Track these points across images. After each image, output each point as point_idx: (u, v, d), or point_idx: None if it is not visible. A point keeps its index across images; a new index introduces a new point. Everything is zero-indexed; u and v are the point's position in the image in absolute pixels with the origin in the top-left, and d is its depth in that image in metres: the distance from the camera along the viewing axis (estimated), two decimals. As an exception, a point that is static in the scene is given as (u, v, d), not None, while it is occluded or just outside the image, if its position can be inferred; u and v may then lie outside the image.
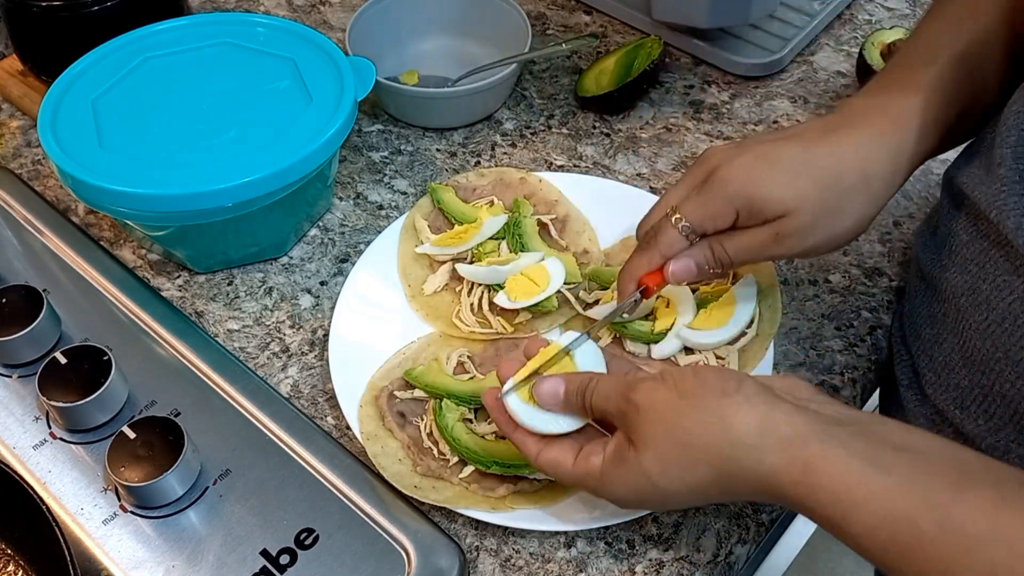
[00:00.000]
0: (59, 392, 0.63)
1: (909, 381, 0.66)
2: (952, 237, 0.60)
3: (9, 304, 0.68)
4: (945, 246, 0.61)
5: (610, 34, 0.97)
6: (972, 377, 0.59)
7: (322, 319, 0.73)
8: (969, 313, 0.58)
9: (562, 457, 0.54)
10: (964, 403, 0.60)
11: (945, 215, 0.63)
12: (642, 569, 0.60)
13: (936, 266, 0.62)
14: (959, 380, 0.60)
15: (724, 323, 0.67)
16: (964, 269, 0.59)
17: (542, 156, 0.85)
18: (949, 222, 0.62)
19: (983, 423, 0.59)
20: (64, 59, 0.75)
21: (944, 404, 0.62)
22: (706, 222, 0.60)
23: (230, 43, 0.77)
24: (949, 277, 0.60)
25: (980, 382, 0.58)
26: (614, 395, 0.52)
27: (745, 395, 0.49)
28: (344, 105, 0.71)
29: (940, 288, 0.61)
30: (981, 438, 0.59)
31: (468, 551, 0.61)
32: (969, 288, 0.58)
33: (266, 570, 0.58)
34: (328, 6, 1.01)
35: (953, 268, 0.60)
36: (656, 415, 0.50)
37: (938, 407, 0.62)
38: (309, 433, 0.65)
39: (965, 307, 0.58)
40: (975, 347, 0.58)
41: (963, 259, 0.59)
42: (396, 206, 0.81)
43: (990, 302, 0.56)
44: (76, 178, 0.67)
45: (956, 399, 0.60)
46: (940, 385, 0.62)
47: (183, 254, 0.74)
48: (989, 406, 0.58)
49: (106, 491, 0.62)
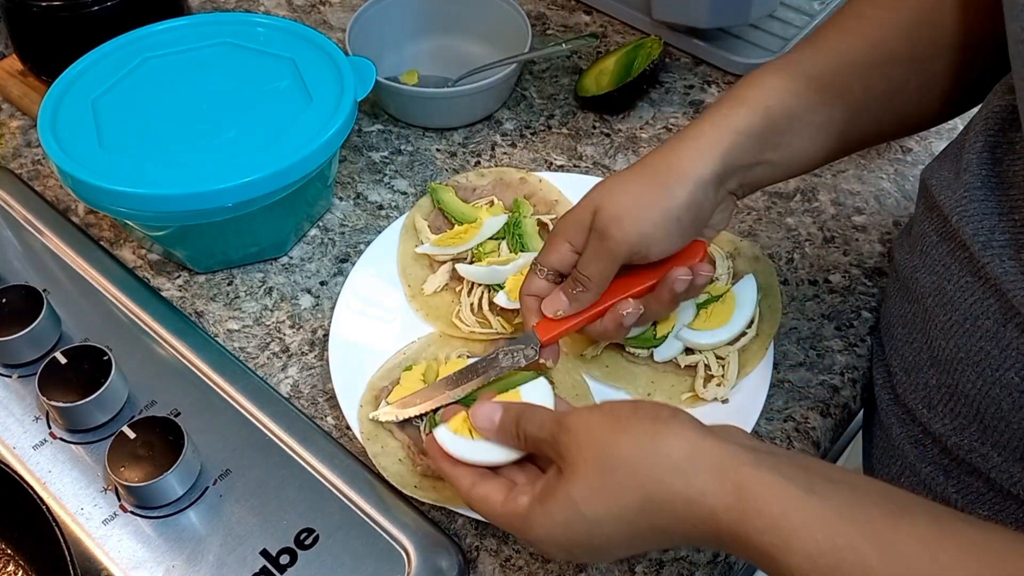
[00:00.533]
0: (59, 392, 0.63)
1: (883, 381, 0.67)
2: (924, 238, 0.61)
3: (9, 304, 0.68)
4: (917, 246, 0.62)
5: (610, 34, 0.97)
6: (939, 377, 0.59)
7: (322, 319, 0.73)
8: (935, 313, 0.58)
9: (492, 495, 0.51)
10: (932, 403, 0.60)
11: (919, 215, 0.63)
12: (642, 569, 0.60)
13: (908, 266, 0.63)
14: (927, 380, 0.60)
15: (724, 323, 0.67)
16: (932, 270, 0.59)
17: (542, 156, 0.85)
18: (922, 223, 0.62)
19: (948, 422, 0.59)
20: (64, 59, 0.75)
21: (913, 403, 0.62)
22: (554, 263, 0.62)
23: (230, 43, 0.77)
24: (919, 277, 0.61)
25: (946, 382, 0.58)
26: (548, 421, 0.51)
27: (679, 421, 0.47)
28: (344, 105, 0.71)
29: (911, 288, 0.62)
30: (946, 437, 0.60)
31: (468, 551, 0.61)
32: (936, 288, 0.58)
33: (266, 570, 0.58)
34: (328, 6, 1.01)
35: (923, 268, 0.60)
36: (587, 438, 0.48)
37: (908, 407, 0.63)
38: (309, 433, 0.65)
39: (932, 307, 0.59)
40: (940, 347, 0.58)
41: (932, 260, 0.59)
42: (396, 206, 0.81)
43: (953, 303, 0.57)
44: (76, 178, 0.67)
45: (924, 399, 0.61)
46: (910, 385, 0.62)
47: (183, 254, 0.74)
48: (955, 406, 0.58)
49: (106, 491, 0.62)
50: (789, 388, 0.68)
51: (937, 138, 0.87)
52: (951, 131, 0.87)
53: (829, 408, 0.68)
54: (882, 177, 0.83)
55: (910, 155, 0.85)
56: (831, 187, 0.82)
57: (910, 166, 0.84)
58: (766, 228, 0.79)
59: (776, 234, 0.79)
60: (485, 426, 0.53)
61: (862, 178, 0.83)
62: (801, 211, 0.80)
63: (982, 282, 0.55)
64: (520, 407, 0.53)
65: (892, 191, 0.82)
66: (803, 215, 0.80)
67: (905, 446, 0.64)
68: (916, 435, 0.63)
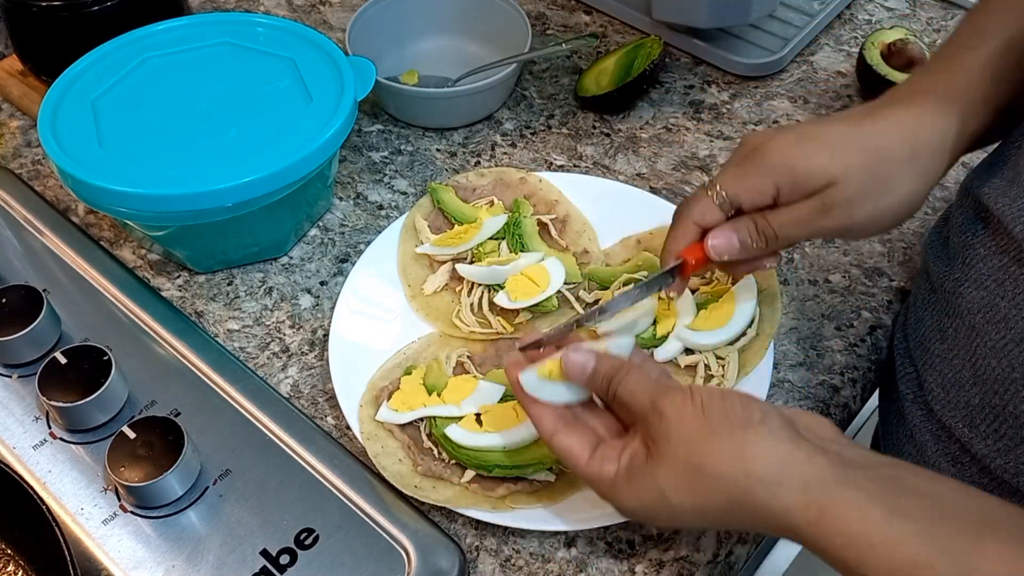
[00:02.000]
0: (59, 392, 0.63)
1: (914, 395, 0.65)
2: (968, 250, 0.59)
3: (9, 304, 0.68)
4: (959, 259, 0.60)
5: (610, 34, 0.97)
6: (984, 396, 0.57)
7: (322, 319, 0.73)
8: (984, 331, 0.57)
9: (577, 449, 0.53)
10: (974, 422, 0.58)
11: (959, 226, 0.61)
12: (642, 569, 0.60)
13: (949, 279, 0.61)
14: (969, 398, 0.58)
15: (724, 323, 0.67)
16: (981, 284, 0.57)
17: (542, 156, 0.85)
18: (964, 234, 0.60)
19: (992, 443, 0.58)
20: (64, 59, 0.75)
21: (952, 421, 0.60)
22: (742, 194, 0.58)
23: (230, 43, 0.77)
24: (964, 292, 0.59)
25: (992, 401, 0.57)
26: (641, 394, 0.51)
27: (769, 428, 0.48)
28: (344, 105, 0.71)
29: (953, 303, 0.60)
30: (990, 459, 0.58)
31: (468, 551, 0.61)
32: (986, 305, 0.57)
33: (266, 570, 0.58)
34: (328, 6, 1.01)
35: (968, 283, 0.58)
36: (680, 432, 0.49)
37: (944, 423, 0.61)
38: (309, 433, 0.65)
39: (980, 324, 0.57)
40: (989, 365, 0.56)
41: (980, 274, 0.57)
42: (396, 206, 0.81)
43: (1008, 320, 0.55)
44: (76, 178, 0.67)
45: (965, 417, 0.59)
46: (948, 402, 0.60)
47: (183, 254, 0.74)
48: (1000, 426, 0.57)
49: (106, 491, 0.62)
50: (789, 388, 0.68)
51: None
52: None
53: (829, 408, 0.68)
54: (882, 177, 0.83)
55: (910, 155, 0.85)
56: (831, 187, 0.82)
57: (910, 166, 0.84)
58: (766, 228, 0.79)
59: (776, 234, 0.79)
60: (576, 373, 0.54)
61: (862, 178, 0.83)
62: (801, 211, 0.80)
63: None
64: (613, 363, 0.54)
65: (892, 191, 0.82)
66: (803, 215, 0.80)
67: (942, 464, 0.62)
68: (954, 453, 0.61)
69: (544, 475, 0.61)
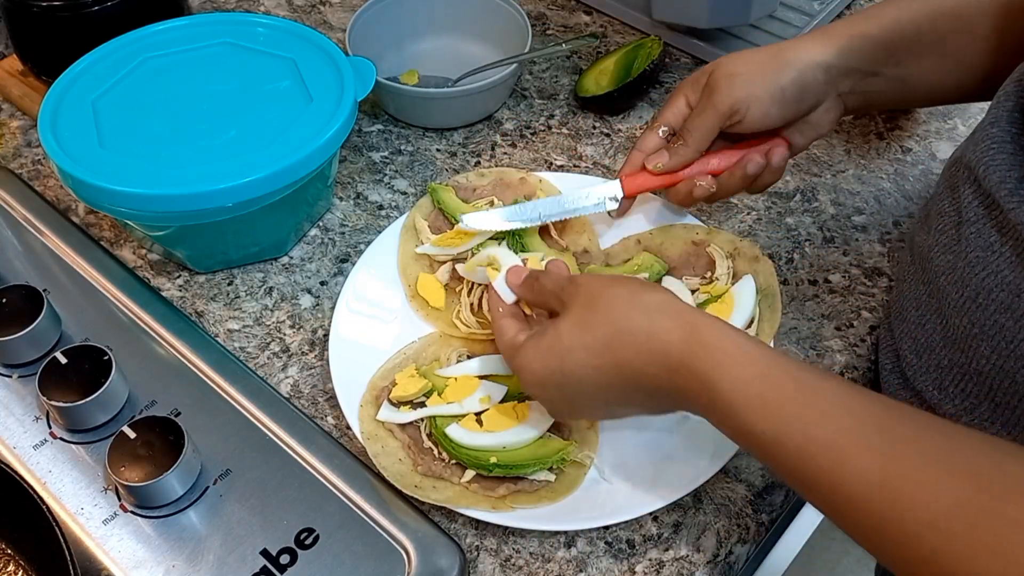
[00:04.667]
0: (59, 392, 0.63)
1: (892, 365, 0.67)
2: (942, 217, 0.61)
3: (9, 304, 0.68)
4: (934, 226, 0.62)
5: (610, 34, 0.97)
6: (952, 356, 0.59)
7: (322, 319, 0.73)
8: (949, 291, 0.59)
9: (507, 327, 0.60)
10: (943, 383, 0.61)
11: (937, 195, 0.64)
12: (642, 569, 0.60)
13: (924, 246, 0.63)
14: (939, 360, 0.61)
15: (724, 323, 0.67)
16: (947, 248, 0.60)
17: (542, 156, 0.85)
18: (941, 202, 0.62)
19: (960, 402, 0.60)
20: (64, 59, 0.75)
21: (924, 385, 0.62)
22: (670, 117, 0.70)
23: (230, 43, 0.77)
24: (934, 256, 0.61)
25: (959, 360, 0.59)
26: (561, 278, 0.59)
27: (667, 291, 0.55)
28: (344, 105, 0.71)
29: (927, 268, 0.62)
30: (957, 417, 0.60)
31: (468, 551, 0.61)
32: (949, 266, 0.59)
33: (266, 570, 0.58)
34: (328, 6, 1.01)
35: (937, 247, 0.61)
36: (585, 287, 0.56)
37: (917, 389, 0.63)
38: (309, 433, 0.65)
39: (945, 285, 0.59)
40: (954, 324, 0.58)
41: (948, 238, 0.60)
42: (396, 206, 0.81)
43: (965, 279, 0.57)
44: (76, 178, 0.67)
45: (936, 380, 0.61)
46: (921, 367, 0.63)
47: (183, 254, 0.75)
48: (966, 385, 0.59)
49: (106, 491, 0.62)
50: (789, 388, 0.68)
51: (937, 139, 0.87)
52: (951, 130, 0.87)
53: (829, 408, 0.68)
54: (882, 177, 0.84)
55: (910, 155, 0.85)
56: (831, 187, 0.82)
57: (910, 166, 0.84)
58: (766, 228, 0.79)
59: (776, 234, 0.79)
60: (513, 280, 0.63)
61: (862, 178, 0.83)
62: (801, 211, 0.81)
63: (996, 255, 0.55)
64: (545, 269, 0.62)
65: (892, 191, 0.82)
66: (803, 215, 0.80)
67: None
68: None
69: (544, 475, 0.61)
